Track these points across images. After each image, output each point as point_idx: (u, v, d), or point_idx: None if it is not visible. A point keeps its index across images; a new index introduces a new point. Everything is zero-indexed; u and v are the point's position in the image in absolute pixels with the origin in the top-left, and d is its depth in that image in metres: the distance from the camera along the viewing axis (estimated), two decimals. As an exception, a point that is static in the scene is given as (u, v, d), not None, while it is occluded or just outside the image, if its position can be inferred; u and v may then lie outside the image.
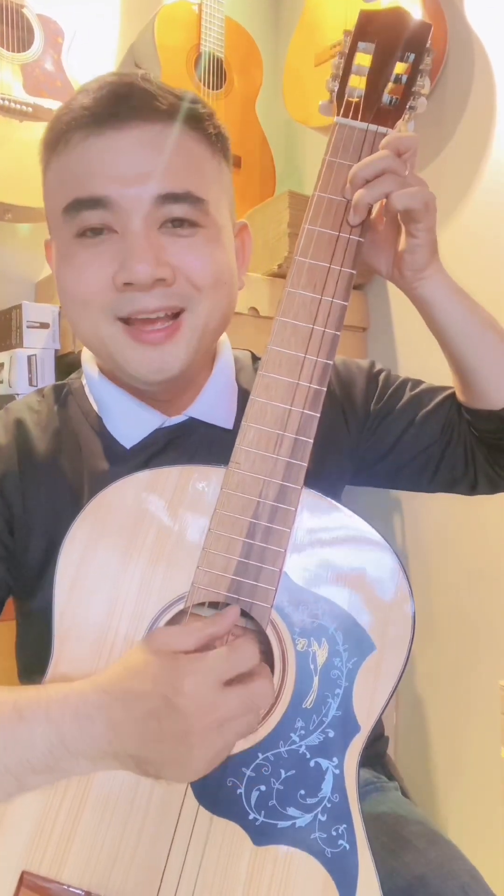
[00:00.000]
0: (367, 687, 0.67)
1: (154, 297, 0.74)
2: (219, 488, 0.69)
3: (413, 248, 0.77)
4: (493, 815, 1.51)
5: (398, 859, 0.78)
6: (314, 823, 0.66)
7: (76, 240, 0.76)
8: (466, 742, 1.64)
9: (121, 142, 0.74)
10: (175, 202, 0.74)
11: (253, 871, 0.65)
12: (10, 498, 0.81)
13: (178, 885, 0.64)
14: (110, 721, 0.61)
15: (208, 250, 0.77)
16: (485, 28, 1.61)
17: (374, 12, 0.79)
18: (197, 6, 1.85)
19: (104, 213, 0.74)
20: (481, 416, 0.86)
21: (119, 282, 0.73)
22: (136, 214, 0.74)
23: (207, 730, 0.60)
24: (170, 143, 0.75)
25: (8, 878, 0.63)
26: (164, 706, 0.60)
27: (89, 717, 0.62)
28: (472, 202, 1.63)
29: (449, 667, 1.68)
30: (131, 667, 0.63)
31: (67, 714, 0.62)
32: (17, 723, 0.63)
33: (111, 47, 1.92)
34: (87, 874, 0.63)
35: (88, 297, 0.76)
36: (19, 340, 1.54)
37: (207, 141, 0.79)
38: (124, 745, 0.62)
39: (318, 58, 1.75)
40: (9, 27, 1.59)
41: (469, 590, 1.64)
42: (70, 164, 0.76)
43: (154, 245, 0.74)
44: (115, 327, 0.76)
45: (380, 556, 0.69)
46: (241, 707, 0.61)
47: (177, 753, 0.61)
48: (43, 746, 0.62)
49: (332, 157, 0.76)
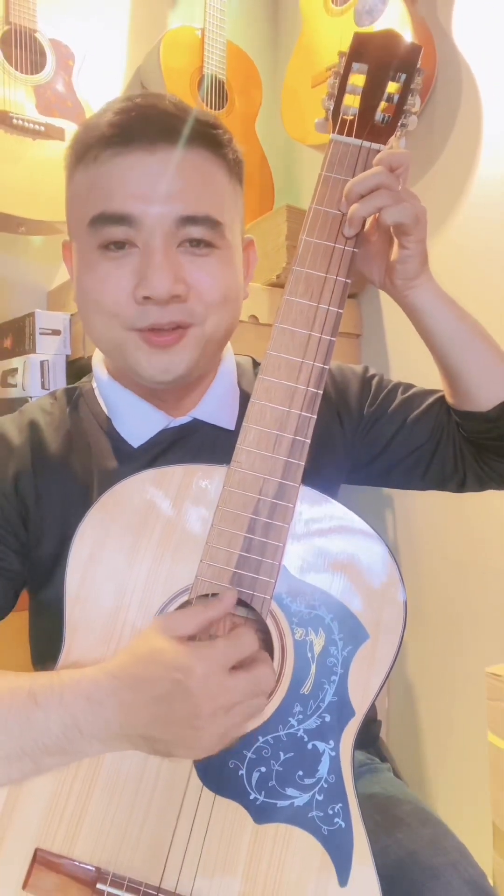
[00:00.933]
0: (361, 673, 0.67)
1: (168, 313, 0.75)
2: (221, 486, 0.69)
3: (404, 259, 0.77)
4: (479, 794, 1.51)
5: (391, 837, 0.78)
6: (311, 802, 0.66)
7: (99, 251, 0.76)
8: (455, 726, 1.64)
9: (148, 162, 0.74)
10: (194, 224, 0.75)
11: (254, 847, 0.65)
12: (24, 495, 0.81)
13: (182, 860, 0.64)
14: (121, 705, 0.62)
15: (220, 272, 0.77)
16: (471, 50, 1.61)
17: (367, 35, 0.79)
18: (200, 31, 1.85)
19: (128, 230, 0.74)
20: (469, 417, 0.86)
21: (139, 295, 0.74)
22: (158, 233, 0.74)
23: (216, 711, 0.61)
24: (193, 167, 0.75)
25: (22, 854, 0.63)
26: (175, 689, 0.60)
27: (101, 701, 0.62)
28: (461, 216, 1.62)
29: (438, 654, 1.68)
30: (139, 654, 0.63)
31: (80, 699, 0.62)
32: (33, 708, 0.63)
33: (119, 70, 1.91)
34: (97, 851, 0.64)
35: (108, 308, 0.76)
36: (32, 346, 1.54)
37: (227, 166, 0.79)
38: (135, 727, 0.62)
39: (315, 79, 1.75)
40: (23, 50, 1.58)
41: (456, 581, 1.64)
42: (98, 179, 0.75)
43: (173, 263, 0.74)
44: (130, 335, 0.76)
45: (372, 547, 0.69)
46: (247, 690, 0.62)
47: (186, 734, 0.61)
48: (57, 729, 0.62)
49: (328, 172, 0.76)
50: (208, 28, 1.84)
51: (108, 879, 0.63)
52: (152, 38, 1.87)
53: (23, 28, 1.58)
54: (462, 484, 0.93)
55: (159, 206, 0.73)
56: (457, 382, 0.85)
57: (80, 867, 0.63)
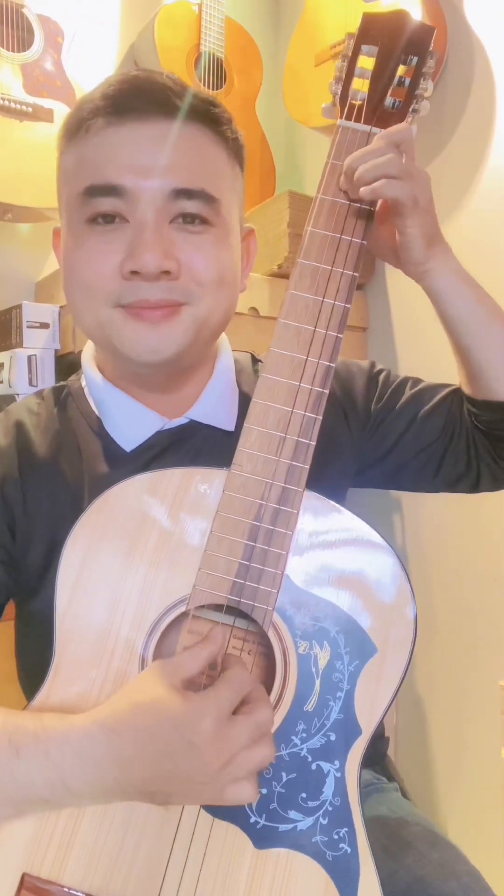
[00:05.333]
0: (368, 690, 0.67)
1: (158, 290, 0.74)
2: (221, 490, 0.68)
3: (405, 245, 0.77)
4: (493, 815, 1.51)
5: (399, 861, 0.78)
6: (315, 826, 0.66)
7: (87, 225, 0.76)
8: (467, 742, 1.64)
9: (141, 134, 0.74)
10: (189, 198, 0.75)
11: (254, 874, 0.64)
12: (10, 501, 0.81)
13: (178, 888, 0.64)
14: (119, 760, 0.60)
15: (215, 250, 0.77)
16: (485, 29, 1.60)
17: (377, 15, 0.78)
18: (197, 6, 1.84)
19: (117, 202, 0.74)
20: (486, 407, 0.86)
21: (126, 270, 0.74)
22: (150, 206, 0.74)
23: (220, 765, 0.59)
24: (188, 141, 0.76)
25: (9, 880, 0.63)
26: (182, 746, 0.59)
27: (95, 758, 0.60)
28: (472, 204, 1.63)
29: (449, 667, 1.68)
30: (140, 703, 0.61)
31: (68, 754, 0.60)
32: (15, 760, 0.61)
33: (111, 47, 1.91)
34: (87, 877, 0.63)
35: (94, 283, 0.76)
36: (19, 340, 1.54)
37: (225, 144, 0.80)
38: (133, 783, 0.61)
39: (319, 58, 1.75)
40: (9, 27, 1.58)
41: (469, 590, 1.64)
42: (88, 151, 0.76)
43: (164, 237, 0.74)
44: (116, 312, 0.76)
45: (381, 558, 0.68)
46: (248, 737, 0.60)
47: (190, 788, 0.60)
48: (42, 785, 0.61)
49: (335, 159, 0.76)
50: (206, 3, 1.83)
51: (99, 907, 0.63)
52: (146, 13, 1.86)
53: (8, 3, 1.57)
54: (476, 483, 0.92)
55: (152, 178, 0.74)
56: (474, 370, 0.85)
57: (69, 894, 0.63)
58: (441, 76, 1.67)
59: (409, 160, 0.74)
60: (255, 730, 0.61)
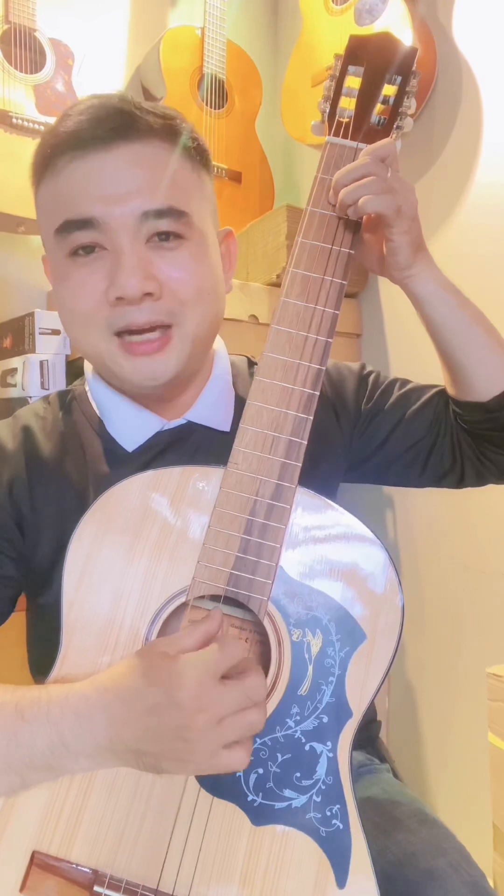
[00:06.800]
0: (358, 674, 0.67)
1: (143, 312, 0.75)
2: (218, 487, 0.69)
3: (392, 251, 0.77)
4: (479, 795, 1.51)
5: (390, 838, 0.78)
6: (309, 804, 0.66)
7: (69, 259, 0.76)
8: (455, 726, 1.64)
9: (104, 163, 0.74)
10: (158, 217, 0.74)
11: (251, 849, 0.65)
12: (19, 501, 0.81)
13: (180, 863, 0.64)
14: (110, 718, 0.61)
15: (193, 263, 0.77)
16: (472, 51, 1.60)
17: (363, 38, 0.79)
18: (200, 30, 1.85)
19: (93, 233, 0.74)
20: (469, 407, 0.86)
21: (111, 297, 0.74)
22: (124, 232, 0.74)
23: (206, 724, 0.59)
24: (150, 161, 0.75)
25: (19, 857, 0.63)
26: (165, 701, 0.59)
27: (90, 716, 0.61)
28: (460, 219, 1.62)
29: (438, 654, 1.68)
30: (132, 666, 0.62)
31: (68, 714, 0.62)
32: (20, 723, 0.63)
33: (119, 69, 1.91)
34: (94, 854, 0.64)
35: (85, 314, 0.76)
36: (32, 346, 1.54)
37: (187, 154, 0.79)
38: (125, 742, 0.61)
39: (315, 79, 1.75)
40: (23, 50, 1.58)
41: (457, 581, 1.64)
42: (58, 188, 0.76)
43: (142, 259, 0.74)
44: (112, 343, 0.76)
45: (370, 550, 0.69)
46: (237, 701, 0.60)
47: (176, 748, 0.60)
48: (43, 746, 0.62)
49: (324, 174, 0.76)
50: (208, 27, 1.84)
51: (105, 882, 0.63)
52: (152, 37, 1.87)
53: (22, 27, 1.58)
54: (461, 479, 0.92)
55: (120, 204, 0.73)
56: (456, 372, 0.85)
57: (77, 870, 0.63)
58: (430, 96, 1.67)
59: (394, 172, 0.74)
60: (244, 696, 0.61)
